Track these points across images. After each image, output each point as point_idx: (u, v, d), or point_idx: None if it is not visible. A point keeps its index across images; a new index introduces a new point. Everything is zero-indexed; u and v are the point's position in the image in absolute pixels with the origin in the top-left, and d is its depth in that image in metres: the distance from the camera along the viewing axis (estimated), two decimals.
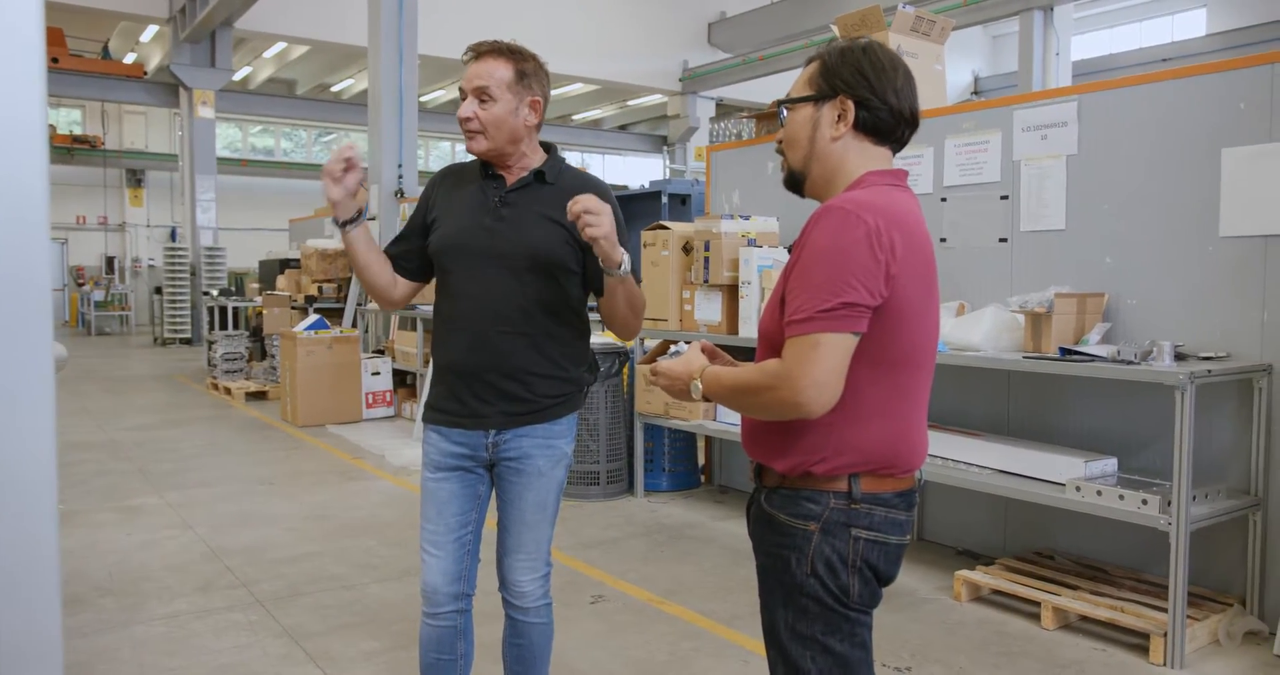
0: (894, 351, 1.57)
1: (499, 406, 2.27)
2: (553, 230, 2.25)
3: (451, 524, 2.33)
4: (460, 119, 2.22)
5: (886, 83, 1.63)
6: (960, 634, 3.54)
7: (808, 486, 1.62)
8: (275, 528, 4.96)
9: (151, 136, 22.79)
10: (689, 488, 5.90)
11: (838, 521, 1.60)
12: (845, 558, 1.60)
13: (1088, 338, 3.73)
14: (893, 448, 1.61)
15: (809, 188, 1.72)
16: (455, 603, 2.36)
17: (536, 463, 2.30)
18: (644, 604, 3.85)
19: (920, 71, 4.87)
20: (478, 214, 2.28)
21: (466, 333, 2.27)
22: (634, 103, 23.13)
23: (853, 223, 1.50)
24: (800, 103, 1.68)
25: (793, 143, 1.69)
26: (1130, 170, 3.81)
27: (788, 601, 1.64)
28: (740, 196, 5.60)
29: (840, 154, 1.66)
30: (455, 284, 2.30)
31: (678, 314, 5.23)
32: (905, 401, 1.62)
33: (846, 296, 1.47)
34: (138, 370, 12.95)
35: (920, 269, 1.58)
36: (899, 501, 1.64)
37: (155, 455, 6.89)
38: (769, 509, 1.67)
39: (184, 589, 3.99)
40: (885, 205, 1.55)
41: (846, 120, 1.64)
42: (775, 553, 1.65)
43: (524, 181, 2.29)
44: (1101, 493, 3.41)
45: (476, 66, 2.23)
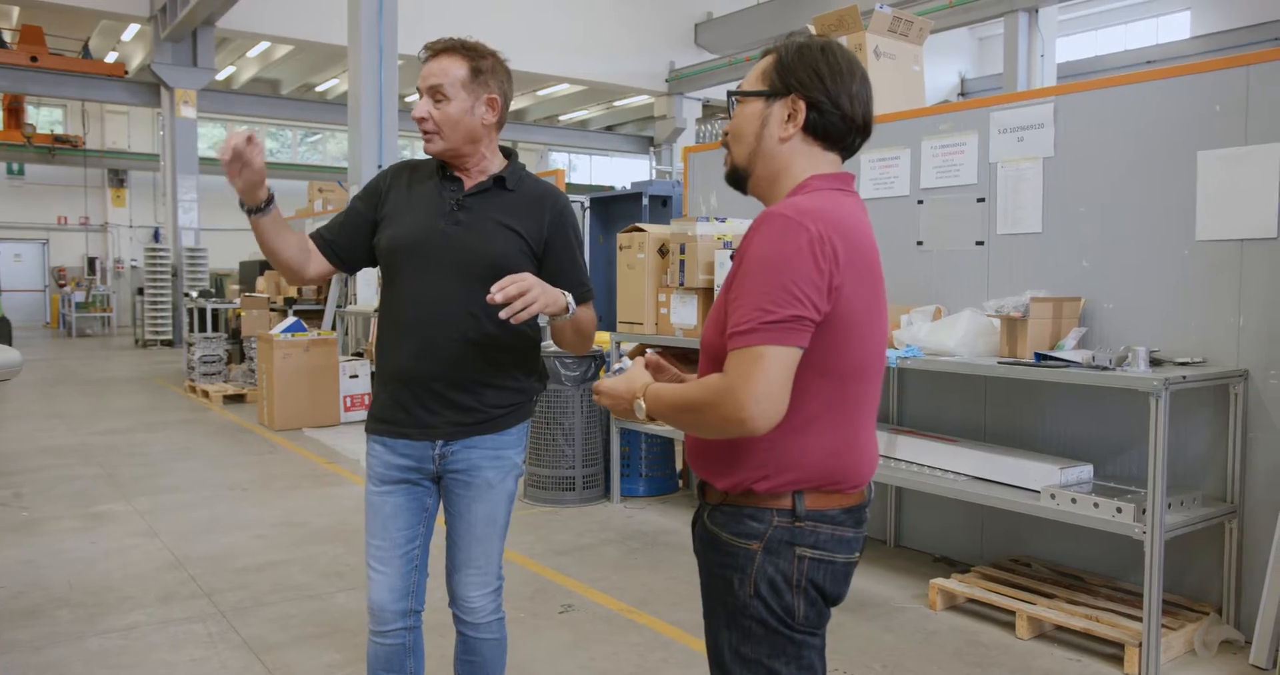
0: (838, 363, 1.50)
1: (447, 416, 2.19)
2: (510, 239, 2.19)
3: (398, 539, 2.25)
4: (416, 119, 2.15)
5: (841, 86, 1.56)
6: (934, 644, 3.48)
7: (750, 504, 1.54)
8: (243, 535, 4.87)
9: (134, 136, 22.61)
10: (666, 493, 5.83)
11: (781, 540, 1.53)
12: (789, 578, 1.53)
13: (1064, 342, 3.68)
14: (839, 462, 1.54)
15: (752, 186, 1.66)
16: (403, 620, 2.28)
17: (485, 474, 2.23)
18: (614, 613, 3.78)
19: (898, 72, 4.84)
20: (433, 216, 2.19)
21: (414, 339, 2.18)
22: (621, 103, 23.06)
23: (794, 230, 1.43)
24: (751, 97, 1.60)
25: (739, 137, 1.62)
26: (1107, 173, 3.76)
27: (731, 623, 1.57)
28: (718, 198, 5.54)
29: (787, 155, 1.59)
30: (405, 287, 2.21)
31: (653, 317, 5.17)
32: (851, 414, 1.55)
33: (790, 309, 1.40)
34: (116, 373, 12.82)
35: (866, 278, 1.51)
36: (846, 518, 1.57)
37: (126, 460, 6.79)
38: (711, 527, 1.60)
39: (145, 599, 3.90)
40: (829, 211, 1.48)
41: (796, 121, 1.57)
42: (718, 573, 1.58)
43: (483, 186, 2.21)
44: (1076, 501, 3.36)
45: (431, 65, 2.16)
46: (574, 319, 2.13)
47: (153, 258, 16.31)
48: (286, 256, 2.22)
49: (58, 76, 16.49)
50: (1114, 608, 3.50)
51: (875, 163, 4.56)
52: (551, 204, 2.25)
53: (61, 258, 22.30)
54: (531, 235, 2.20)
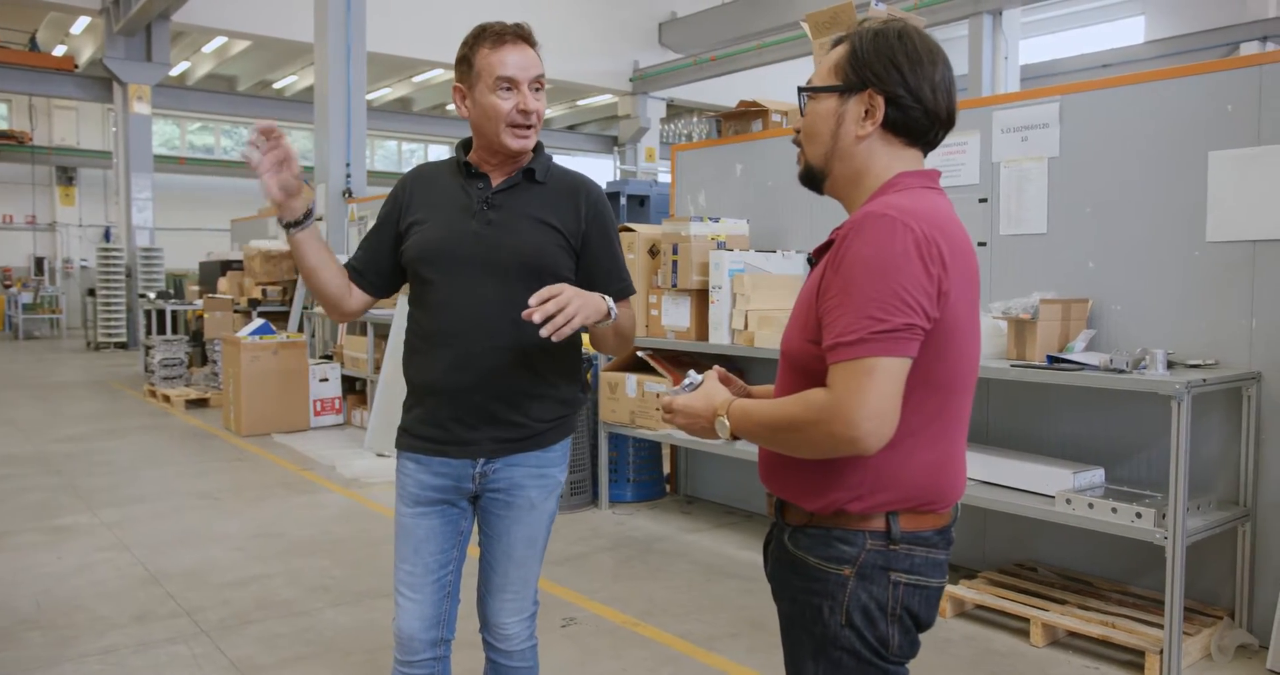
0: (940, 374, 1.40)
1: (488, 432, 2.04)
2: (548, 234, 2.05)
3: (430, 564, 2.10)
4: (523, 112, 1.97)
5: (923, 77, 1.44)
6: (949, 652, 3.41)
7: (840, 525, 1.43)
8: (220, 547, 4.66)
9: (84, 133, 21.94)
10: (655, 498, 5.72)
11: (875, 565, 1.42)
12: (884, 605, 1.43)
13: (1073, 345, 3.63)
14: (936, 480, 1.44)
15: (829, 186, 1.54)
16: (433, 650, 2.12)
17: (529, 494, 2.08)
18: (617, 626, 3.66)
19: None
20: (463, 217, 2.04)
21: (450, 349, 2.02)
22: (584, 102, 22.90)
23: (900, 231, 1.32)
24: (823, 92, 1.49)
25: (813, 136, 1.51)
26: (1114, 173, 3.72)
27: (819, 654, 1.46)
28: (706, 198, 5.44)
29: (866, 154, 1.47)
30: (437, 295, 2.04)
31: (644, 319, 5.05)
32: (949, 428, 1.45)
33: (901, 316, 1.30)
34: (70, 377, 12.39)
35: (969, 282, 1.42)
36: (939, 539, 1.48)
37: (88, 469, 6.51)
38: (795, 550, 1.48)
39: (120, 619, 3.70)
40: (929, 211, 1.38)
41: (875, 118, 1.45)
42: (803, 600, 1.47)
43: (512, 181, 2.06)
44: (1093, 505, 3.31)
45: (522, 54, 1.98)
46: (616, 323, 2.00)
47: (105, 258, 15.81)
48: (333, 286, 2.08)
49: (4, 70, 15.93)
50: (1128, 613, 3.46)
51: None
52: (587, 195, 2.11)
53: (6, 258, 21.57)
54: (569, 229, 2.07)
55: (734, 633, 3.59)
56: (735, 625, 3.67)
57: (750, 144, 5.12)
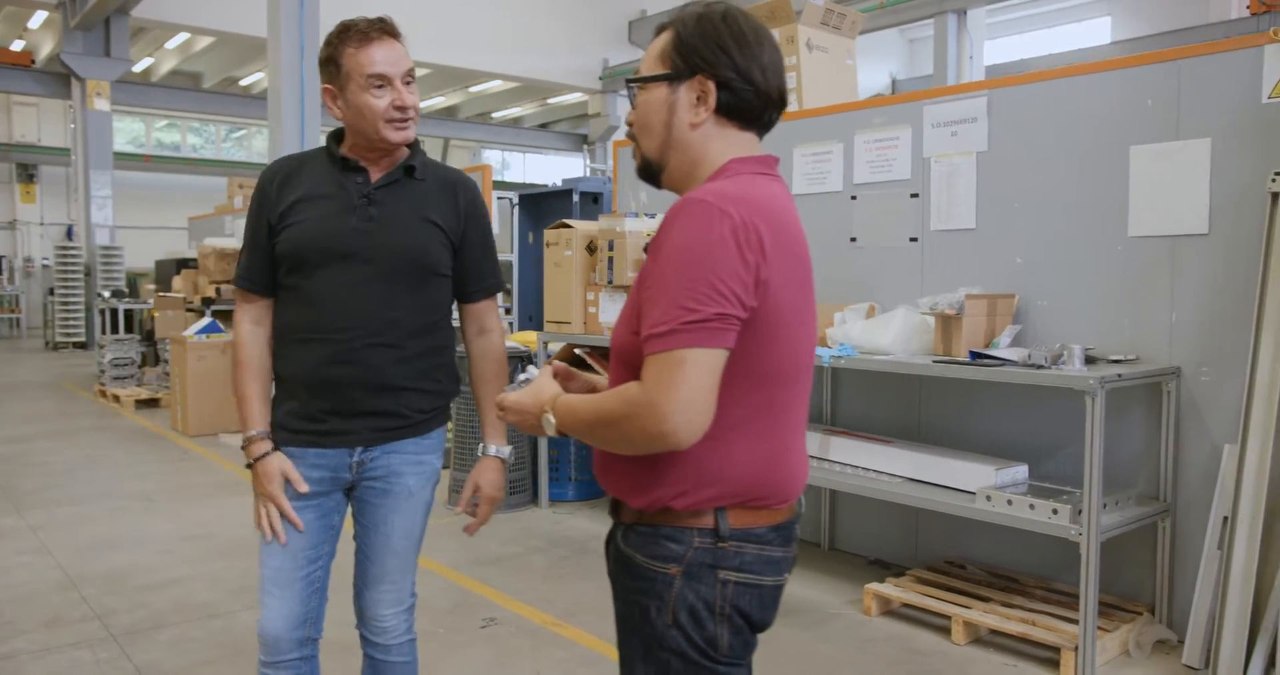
0: (764, 365, 1.35)
1: (367, 422, 2.03)
2: (430, 231, 2.04)
3: (300, 560, 2.04)
4: (400, 107, 1.95)
5: (751, 58, 1.40)
6: (870, 652, 3.38)
7: (668, 523, 1.39)
8: (146, 550, 4.57)
9: (45, 129, 21.61)
10: (596, 497, 5.66)
11: (703, 563, 1.37)
12: (712, 605, 1.38)
13: (999, 340, 3.61)
14: (765, 475, 1.39)
15: (666, 179, 1.49)
16: (299, 649, 2.06)
17: (406, 482, 2.07)
18: (539, 627, 3.60)
19: (831, 66, 4.74)
20: (342, 212, 2.00)
21: (327, 344, 1.99)
22: (554, 101, 22.82)
23: (716, 218, 1.28)
24: (651, 82, 1.44)
25: (646, 128, 1.46)
26: (1040, 168, 3.70)
27: (647, 655, 1.41)
28: (648, 194, 5.39)
29: (701, 141, 1.43)
30: (313, 289, 2.00)
31: (581, 316, 5.00)
32: (779, 421, 1.40)
33: (714, 305, 1.25)
34: (23, 376, 12.18)
35: (795, 271, 1.37)
36: (774, 537, 1.42)
37: (24, 470, 6.38)
38: (626, 548, 1.43)
39: (27, 624, 3.60)
40: (753, 196, 1.33)
41: (708, 103, 1.41)
42: (633, 600, 1.43)
43: (393, 176, 2.04)
44: (1012, 502, 3.28)
45: (390, 49, 1.96)
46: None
47: (64, 257, 15.58)
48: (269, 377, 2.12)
49: None
50: (1050, 610, 3.44)
51: (808, 157, 4.46)
52: (464, 191, 2.12)
53: None
54: (449, 226, 2.07)
55: None
56: None
57: None
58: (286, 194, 2.04)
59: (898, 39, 21.79)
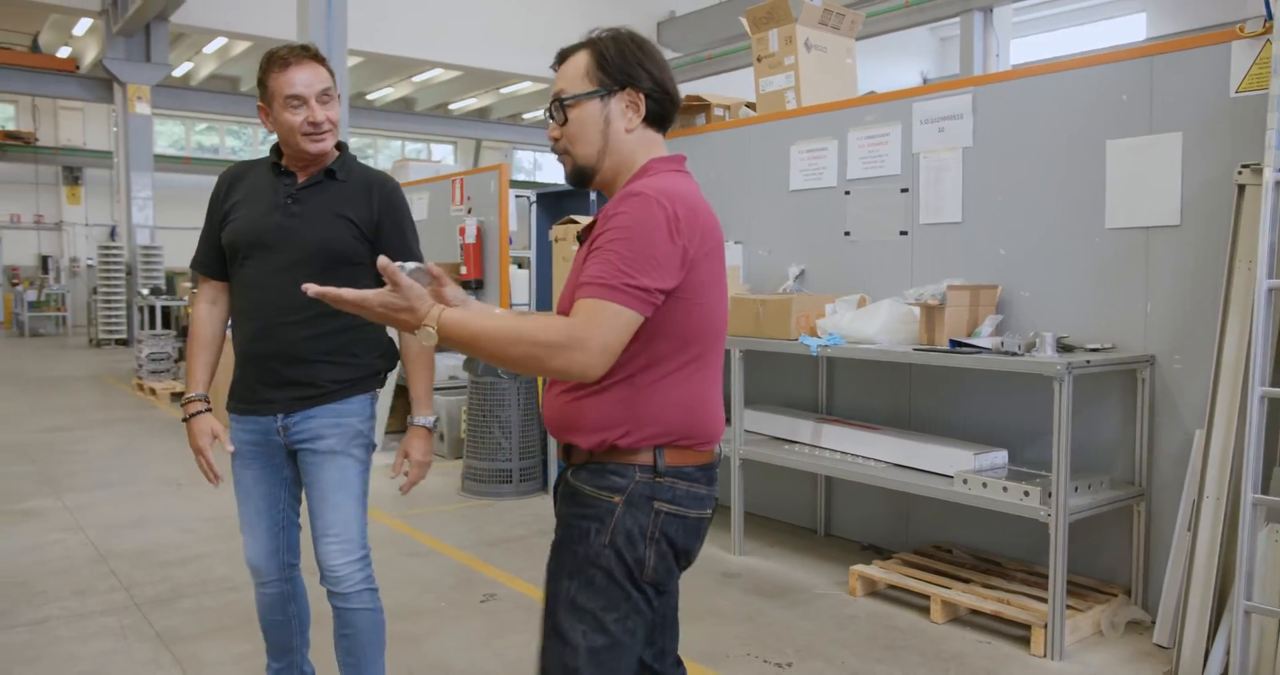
0: (690, 327, 1.62)
1: (286, 392, 2.34)
2: (342, 226, 2.34)
3: (260, 506, 2.44)
4: (313, 122, 2.27)
5: (665, 74, 1.70)
6: (849, 628, 3.51)
7: (614, 460, 1.64)
8: (171, 529, 4.81)
9: (90, 133, 22.27)
10: None
11: (642, 495, 1.62)
12: (645, 531, 1.62)
13: (980, 330, 3.72)
14: (692, 419, 1.65)
15: (599, 180, 1.74)
16: (279, 572, 2.50)
17: (329, 441, 2.36)
18: (534, 601, 3.74)
19: (830, 65, 4.88)
20: (269, 211, 2.34)
21: (254, 322, 2.34)
22: None
23: (654, 208, 1.54)
24: (585, 99, 1.68)
25: (582, 139, 1.70)
26: (1022, 162, 3.81)
27: (576, 571, 1.63)
28: None
29: (632, 145, 1.70)
30: (246, 276, 2.36)
31: None
32: (701, 374, 1.66)
33: (645, 279, 1.50)
34: (66, 371, 12.62)
35: (715, 253, 1.64)
36: (700, 475, 1.68)
37: (62, 457, 6.68)
38: (574, 482, 1.68)
39: (60, 594, 3.84)
40: (681, 192, 1.60)
41: (639, 111, 1.69)
42: (575, 524, 1.65)
43: (315, 179, 2.36)
44: (987, 485, 3.40)
45: (305, 72, 2.26)
46: None
47: (106, 256, 16.07)
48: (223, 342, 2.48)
49: (6, 71, 16.20)
50: (1027, 591, 3.55)
51: (804, 154, 4.59)
52: (379, 188, 2.40)
53: (14, 257, 21.91)
54: (362, 220, 2.36)
55: None
56: None
57: (693, 138, 5.22)
58: (232, 195, 2.42)
59: (929, 37, 21.74)
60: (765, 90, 4.86)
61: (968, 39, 14.18)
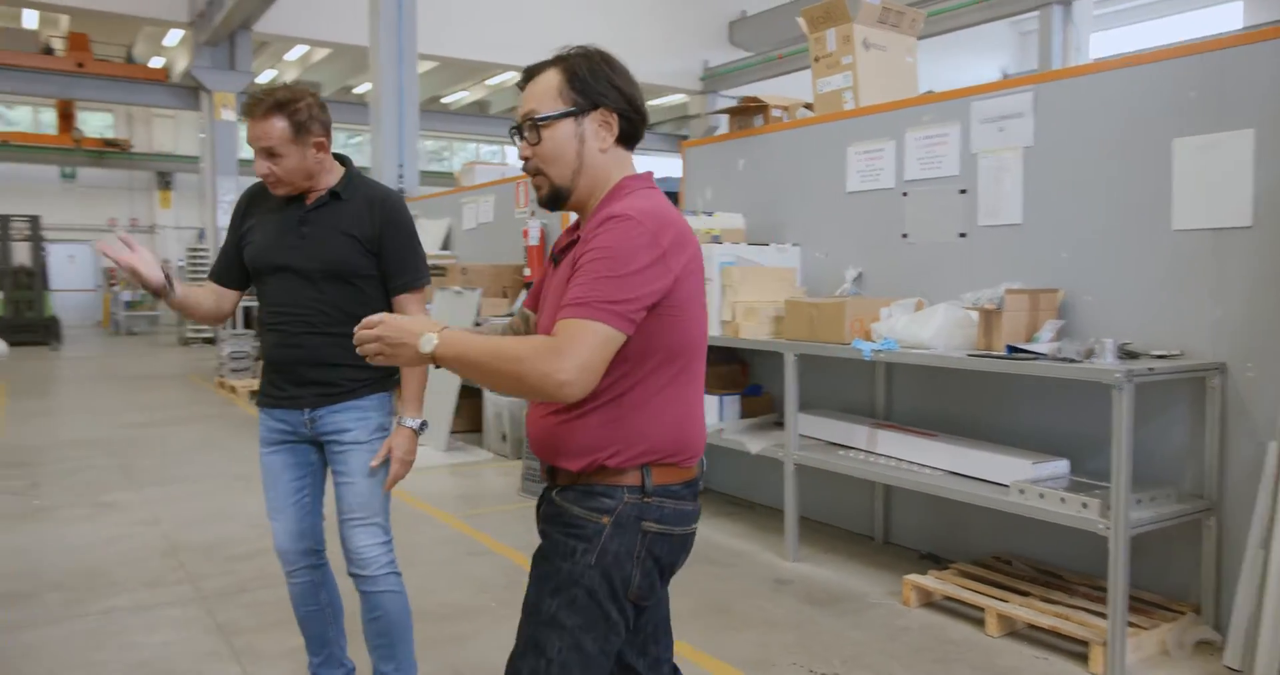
0: (675, 342, 1.62)
1: (311, 390, 2.55)
2: (347, 243, 2.51)
3: (286, 490, 2.61)
4: (260, 175, 2.47)
5: (635, 91, 1.69)
6: (901, 640, 3.44)
7: (602, 481, 1.63)
8: (239, 524, 4.97)
9: (181, 139, 23.14)
10: None
11: (630, 515, 1.62)
12: (633, 552, 1.62)
13: (1040, 335, 3.61)
14: (678, 435, 1.65)
15: (573, 201, 1.72)
16: (306, 558, 2.65)
17: (354, 433, 2.55)
18: None
19: (890, 64, 4.79)
20: (282, 232, 2.53)
21: (277, 332, 2.55)
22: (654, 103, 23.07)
23: (636, 229, 1.54)
24: (558, 119, 1.66)
25: (557, 159, 1.67)
26: (1085, 162, 3.69)
27: (559, 589, 1.63)
28: (713, 193, 5.53)
29: (606, 164, 1.69)
30: (267, 291, 2.59)
31: None
32: (687, 390, 1.67)
33: (625, 296, 1.50)
34: (155, 369, 13.14)
35: (695, 268, 1.64)
36: (686, 492, 1.68)
37: (144, 452, 6.96)
38: (562, 503, 1.67)
39: (131, 584, 4.00)
40: (659, 210, 1.60)
41: (613, 131, 1.68)
42: (562, 542, 1.65)
43: (321, 201, 2.54)
44: (1044, 495, 3.30)
45: (256, 128, 2.40)
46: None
47: (194, 258, 16.70)
48: (204, 313, 2.62)
49: (102, 82, 16.94)
50: (1088, 606, 3.43)
51: (861, 155, 4.52)
52: (381, 204, 2.55)
53: None
54: (365, 235, 2.52)
55: (694, 613, 3.69)
56: (698, 607, 3.76)
57: (752, 139, 5.18)
58: (248, 217, 2.63)
59: (1009, 32, 21.18)
60: (823, 90, 4.80)
61: (1046, 32, 13.78)
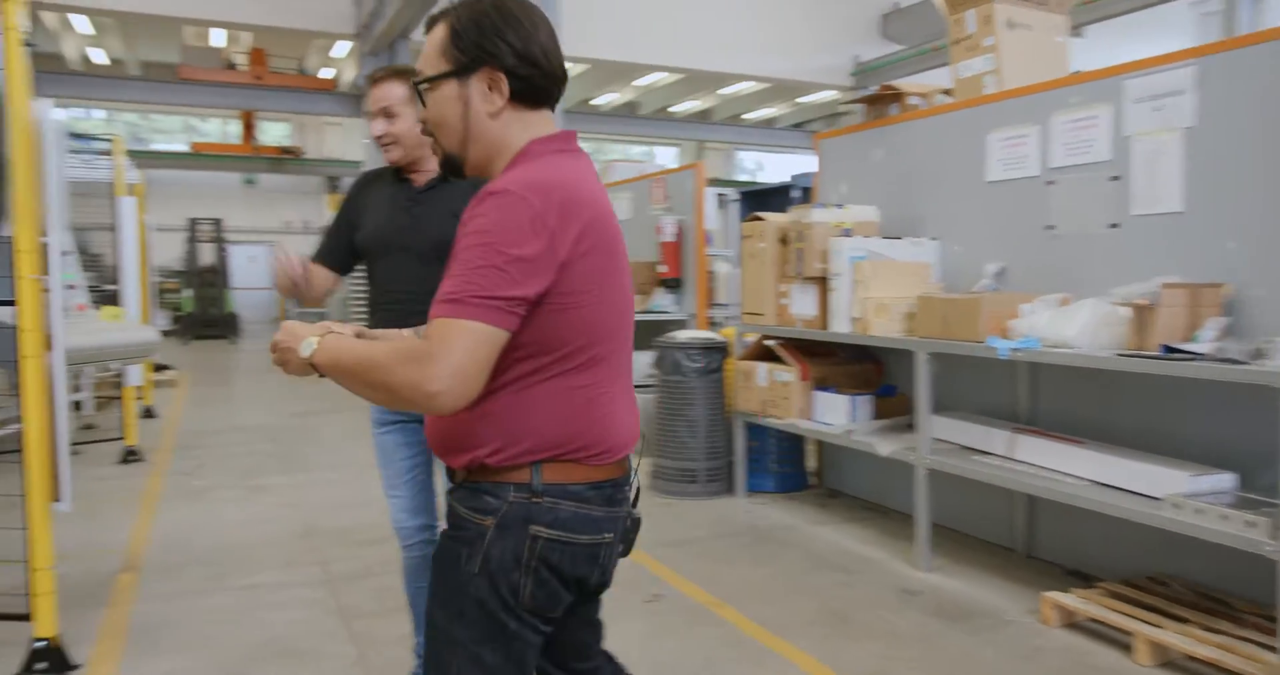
0: (569, 329, 1.42)
1: None
2: (456, 224, 2.47)
3: (400, 468, 2.72)
4: (374, 136, 2.59)
5: (529, 41, 1.46)
6: (1036, 661, 3.18)
7: (487, 479, 1.46)
8: (372, 511, 5.12)
9: (350, 145, 24.45)
10: (796, 490, 5.66)
11: (516, 517, 1.44)
12: (519, 557, 1.44)
13: (1200, 334, 3.26)
14: (575, 428, 1.45)
15: (470, 169, 1.56)
16: (421, 534, 2.73)
17: None
18: (699, 606, 3.71)
19: (1036, 45, 4.48)
20: (393, 214, 2.63)
21: (389, 311, 2.59)
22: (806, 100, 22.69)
23: (517, 207, 1.35)
24: (440, 80, 1.49)
25: (443, 125, 1.52)
26: (1260, 142, 3.31)
27: (448, 601, 1.48)
28: (848, 186, 5.32)
29: (501, 129, 1.50)
30: (377, 271, 2.68)
31: (774, 308, 5.03)
32: (588, 380, 1.46)
33: (506, 289, 1.32)
34: None
35: (598, 247, 1.43)
36: (593, 495, 1.47)
37: (300, 439, 7.35)
38: (452, 502, 1.51)
39: (269, 564, 4.20)
40: (554, 181, 1.40)
41: (501, 92, 1.47)
42: (448, 547, 1.50)
43: (431, 183, 2.64)
44: (1201, 512, 2.98)
45: (376, 90, 2.58)
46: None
47: None
48: (316, 296, 2.74)
49: (278, 93, 18.08)
50: (1258, 637, 3.07)
51: (1003, 141, 4.23)
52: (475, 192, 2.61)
53: None
54: None
55: (812, 622, 3.54)
56: (817, 615, 3.61)
57: (885, 129, 4.95)
58: (361, 201, 2.73)
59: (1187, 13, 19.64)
60: (963, 75, 4.53)
61: (1230, 14, 12.70)
